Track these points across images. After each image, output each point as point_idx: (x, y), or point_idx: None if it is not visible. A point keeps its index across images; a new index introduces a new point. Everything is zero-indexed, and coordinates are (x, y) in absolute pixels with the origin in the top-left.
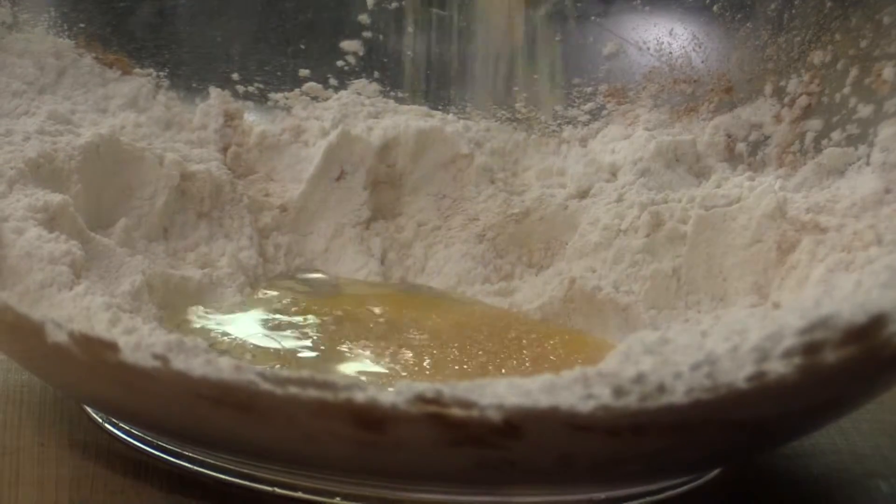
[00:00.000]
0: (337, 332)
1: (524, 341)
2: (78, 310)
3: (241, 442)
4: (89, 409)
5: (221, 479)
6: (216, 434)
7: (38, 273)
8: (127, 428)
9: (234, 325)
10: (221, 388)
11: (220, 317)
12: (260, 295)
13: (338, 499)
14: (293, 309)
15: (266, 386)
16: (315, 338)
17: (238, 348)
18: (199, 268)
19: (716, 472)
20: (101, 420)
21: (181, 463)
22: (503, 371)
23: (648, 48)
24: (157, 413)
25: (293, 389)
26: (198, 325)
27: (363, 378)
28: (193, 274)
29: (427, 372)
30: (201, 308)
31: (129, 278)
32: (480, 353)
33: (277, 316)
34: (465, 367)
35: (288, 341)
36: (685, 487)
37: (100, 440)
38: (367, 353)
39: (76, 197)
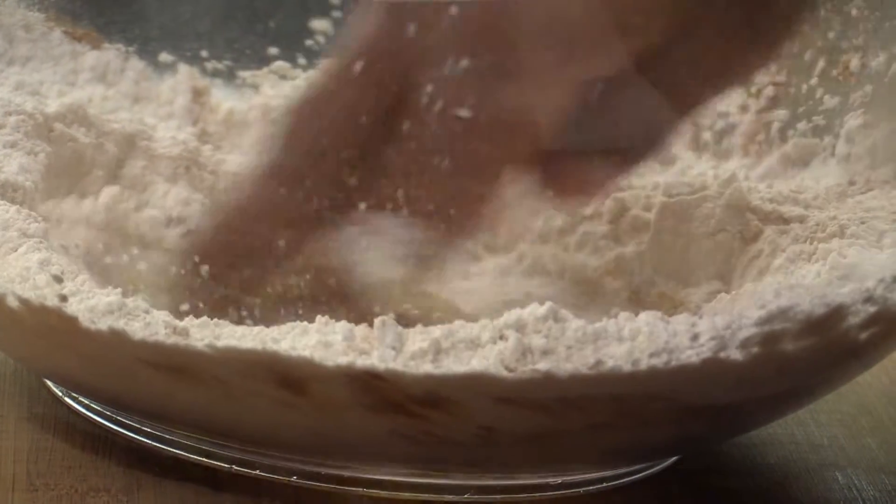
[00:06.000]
0: None
1: None
2: (17, 270)
3: (179, 411)
4: (49, 383)
5: (180, 455)
6: (154, 401)
7: None
8: (86, 402)
9: None
10: (157, 349)
11: None
12: None
13: (295, 477)
14: None
15: (199, 346)
16: None
17: None
18: None
19: (672, 459)
20: (60, 393)
21: (140, 438)
22: None
23: None
24: (102, 380)
25: (222, 348)
26: None
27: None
28: None
29: None
30: None
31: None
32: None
33: None
34: None
35: None
36: (642, 474)
37: (59, 414)
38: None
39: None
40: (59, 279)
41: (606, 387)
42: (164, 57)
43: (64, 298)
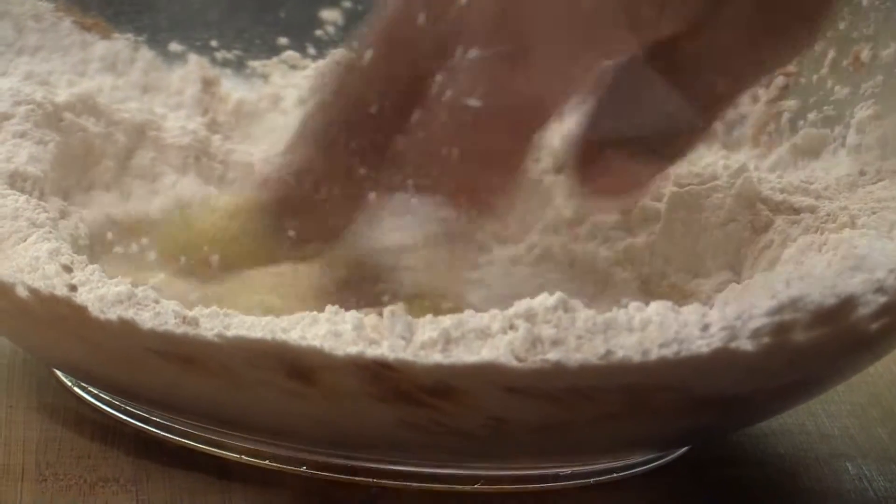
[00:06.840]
0: None
1: None
2: (27, 259)
3: (188, 400)
4: (58, 373)
5: (189, 445)
6: (164, 391)
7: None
8: (95, 392)
9: None
10: (167, 339)
11: None
12: None
13: (304, 468)
14: None
15: (208, 336)
16: None
17: None
18: None
19: (683, 450)
20: (69, 383)
21: (149, 428)
22: None
23: None
24: (111, 369)
25: (232, 338)
26: None
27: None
28: None
29: None
30: None
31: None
32: None
33: None
34: None
35: None
36: (652, 465)
37: (68, 404)
38: None
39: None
40: (68, 269)
41: (616, 377)
42: (174, 47)
43: (73, 288)
